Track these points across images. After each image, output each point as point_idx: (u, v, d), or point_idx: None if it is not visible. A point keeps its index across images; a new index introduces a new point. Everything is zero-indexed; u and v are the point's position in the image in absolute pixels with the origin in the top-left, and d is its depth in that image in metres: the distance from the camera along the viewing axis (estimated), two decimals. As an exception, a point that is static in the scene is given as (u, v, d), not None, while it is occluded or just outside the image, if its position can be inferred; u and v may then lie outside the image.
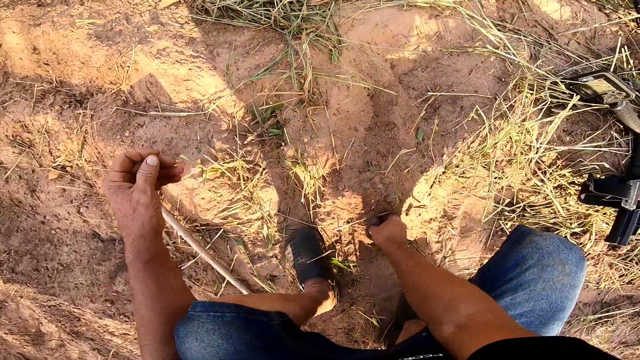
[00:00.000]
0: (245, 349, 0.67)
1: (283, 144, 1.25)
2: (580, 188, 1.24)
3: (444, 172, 1.25)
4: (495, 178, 1.26)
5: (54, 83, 1.41)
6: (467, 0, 1.33)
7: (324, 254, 1.31)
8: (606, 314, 1.50)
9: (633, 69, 1.30)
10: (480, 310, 0.61)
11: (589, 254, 1.38)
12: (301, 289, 1.30)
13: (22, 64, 1.43)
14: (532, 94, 1.21)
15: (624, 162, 1.28)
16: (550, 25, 1.39)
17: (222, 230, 1.34)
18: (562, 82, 1.24)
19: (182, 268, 1.42)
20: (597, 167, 1.26)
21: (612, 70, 1.27)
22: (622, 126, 1.28)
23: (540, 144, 1.23)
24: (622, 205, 1.14)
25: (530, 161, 1.25)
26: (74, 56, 1.37)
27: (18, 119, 1.44)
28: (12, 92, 1.44)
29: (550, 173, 1.27)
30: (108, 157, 1.38)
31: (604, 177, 1.26)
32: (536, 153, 1.23)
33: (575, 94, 1.22)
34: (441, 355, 0.72)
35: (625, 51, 1.29)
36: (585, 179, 1.22)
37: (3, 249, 1.63)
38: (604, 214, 1.31)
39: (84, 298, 1.55)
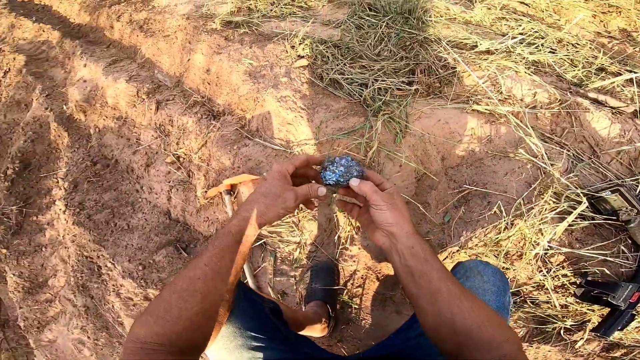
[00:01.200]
0: (234, 307, 0.83)
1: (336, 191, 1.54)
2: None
3: (457, 251, 1.38)
4: (503, 268, 1.34)
5: (205, 98, 1.94)
6: (523, 112, 1.48)
7: (336, 287, 1.47)
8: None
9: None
10: (516, 350, 0.70)
11: (580, 352, 1.33)
12: (302, 308, 1.47)
13: (193, 78, 2.00)
14: (555, 201, 1.29)
15: (625, 270, 1.27)
16: (596, 142, 1.46)
17: (263, 240, 1.61)
18: (584, 195, 1.28)
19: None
20: (597, 272, 1.27)
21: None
22: (631, 242, 1.29)
23: (549, 244, 1.27)
24: (609, 300, 1.15)
25: (537, 258, 1.30)
26: (228, 83, 1.86)
27: (170, 115, 1.98)
28: (176, 95, 2.00)
29: (554, 270, 1.30)
30: (214, 159, 1.78)
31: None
32: (545, 251, 1.28)
33: (583, 204, 1.26)
34: None
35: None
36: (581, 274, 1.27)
37: (95, 198, 2.03)
38: (601, 315, 1.28)
39: (124, 256, 1.80)
